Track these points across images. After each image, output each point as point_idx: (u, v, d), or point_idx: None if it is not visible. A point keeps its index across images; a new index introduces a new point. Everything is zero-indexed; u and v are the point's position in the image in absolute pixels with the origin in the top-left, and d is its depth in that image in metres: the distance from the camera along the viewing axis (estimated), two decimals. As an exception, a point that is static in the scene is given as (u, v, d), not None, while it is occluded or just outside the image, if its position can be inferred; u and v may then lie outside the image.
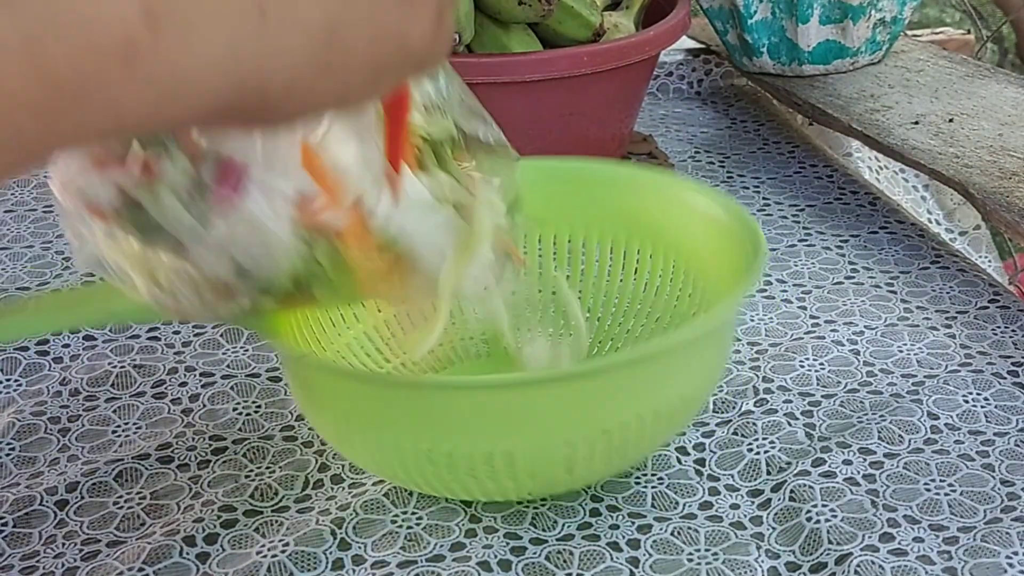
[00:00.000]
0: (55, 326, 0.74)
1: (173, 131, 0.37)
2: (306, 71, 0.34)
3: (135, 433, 0.73)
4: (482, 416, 0.60)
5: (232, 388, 0.77)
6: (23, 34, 0.29)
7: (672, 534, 0.64)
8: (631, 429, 0.61)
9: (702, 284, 0.74)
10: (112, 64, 0.30)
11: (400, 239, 0.52)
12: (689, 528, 0.65)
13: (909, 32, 1.36)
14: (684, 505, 0.67)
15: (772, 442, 0.71)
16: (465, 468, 0.61)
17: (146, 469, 0.70)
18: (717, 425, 0.73)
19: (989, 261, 1.26)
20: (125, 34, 0.30)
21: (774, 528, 0.65)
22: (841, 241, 0.97)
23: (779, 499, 0.67)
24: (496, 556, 0.63)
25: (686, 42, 1.33)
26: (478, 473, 0.61)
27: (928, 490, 0.67)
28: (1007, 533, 0.63)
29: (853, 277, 0.91)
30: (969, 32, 1.59)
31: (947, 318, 0.85)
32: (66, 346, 0.81)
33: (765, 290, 0.89)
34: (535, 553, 0.63)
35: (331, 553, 0.63)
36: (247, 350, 0.81)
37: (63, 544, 0.64)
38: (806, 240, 0.97)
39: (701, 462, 0.70)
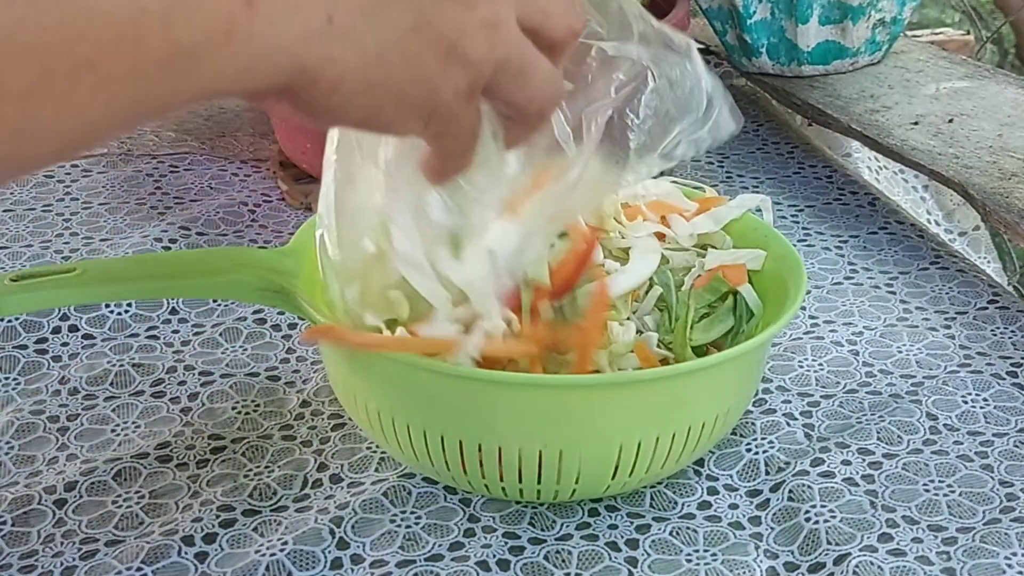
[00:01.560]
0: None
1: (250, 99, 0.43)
2: (352, 78, 0.41)
3: (134, 432, 0.73)
4: (539, 414, 0.61)
5: (231, 387, 0.77)
6: (161, 4, 0.35)
7: (671, 534, 0.64)
8: (696, 430, 0.63)
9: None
10: (219, 37, 0.37)
11: None
12: (688, 528, 0.65)
13: (909, 33, 1.36)
14: (683, 505, 0.67)
15: (771, 442, 0.71)
16: (509, 462, 0.62)
17: (145, 468, 0.69)
18: (716, 425, 0.73)
19: (988, 262, 1.26)
20: (230, 14, 0.37)
21: (773, 528, 0.65)
22: (840, 241, 0.97)
23: (778, 499, 0.67)
24: (495, 556, 0.63)
25: (686, 42, 1.33)
26: (525, 468, 0.62)
27: (927, 491, 0.67)
28: (1006, 534, 0.63)
29: (852, 277, 0.91)
30: (969, 33, 1.59)
31: (946, 319, 0.85)
32: (65, 344, 0.81)
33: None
34: (534, 553, 0.63)
35: (330, 552, 0.63)
36: (246, 349, 0.81)
37: (62, 543, 0.64)
38: (805, 240, 0.97)
39: (700, 462, 0.70)
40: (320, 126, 0.48)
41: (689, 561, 0.62)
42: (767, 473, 0.69)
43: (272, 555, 0.62)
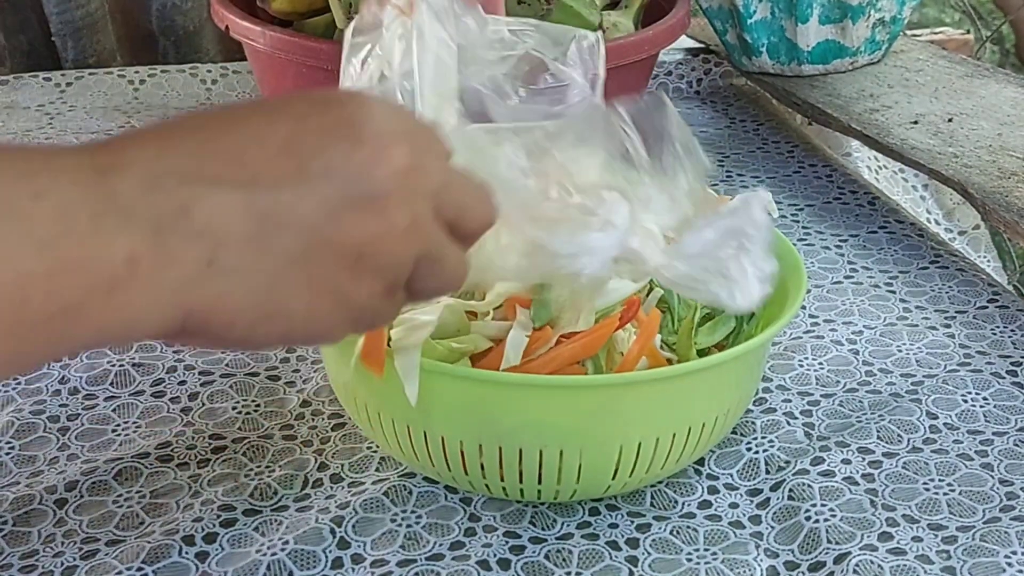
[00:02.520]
0: None
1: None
2: (246, 315, 0.41)
3: (134, 432, 0.73)
4: (558, 413, 0.61)
5: (231, 387, 0.77)
6: (46, 267, 0.37)
7: (671, 533, 0.64)
8: (696, 430, 0.63)
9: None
10: (100, 294, 0.38)
11: None
12: (688, 527, 0.65)
13: (908, 32, 1.35)
14: (683, 504, 0.67)
15: (771, 441, 0.71)
16: (509, 463, 0.62)
17: (145, 468, 0.70)
18: (716, 424, 0.73)
19: (988, 261, 1.26)
20: (112, 273, 0.38)
21: (773, 527, 0.65)
22: (840, 240, 0.97)
23: (778, 498, 0.67)
24: (495, 555, 0.63)
25: (685, 42, 1.33)
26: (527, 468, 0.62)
27: (927, 489, 0.67)
28: (1006, 532, 0.63)
29: (852, 276, 0.91)
30: (968, 32, 1.59)
31: (946, 318, 0.85)
32: (65, 345, 0.81)
33: (764, 289, 0.89)
34: (534, 552, 0.63)
35: (330, 552, 0.63)
36: (246, 349, 0.81)
37: (62, 543, 0.64)
38: (805, 239, 0.97)
39: (700, 461, 0.70)
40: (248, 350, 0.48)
41: (689, 560, 0.62)
42: (767, 472, 0.69)
43: (273, 555, 0.62)
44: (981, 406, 0.75)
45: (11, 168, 0.38)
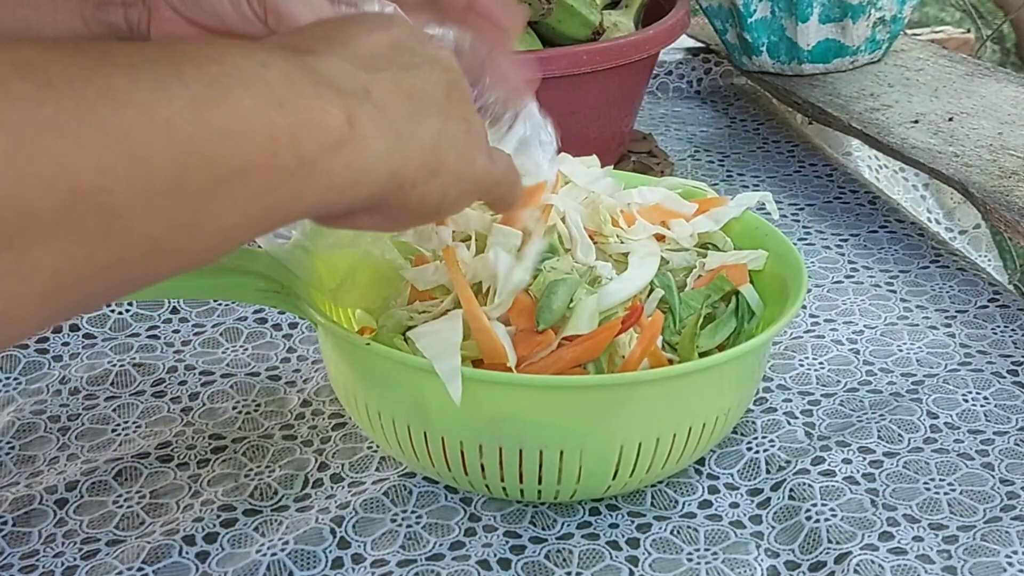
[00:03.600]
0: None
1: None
2: (422, 171, 0.47)
3: (135, 432, 0.73)
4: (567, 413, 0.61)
5: (232, 387, 0.77)
6: (288, 121, 0.41)
7: (671, 533, 0.64)
8: (696, 430, 0.63)
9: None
10: (331, 151, 0.43)
11: None
12: (688, 527, 0.65)
13: (909, 31, 1.36)
14: (683, 504, 0.67)
15: (771, 441, 0.71)
16: (510, 463, 0.62)
17: (146, 468, 0.70)
18: (717, 424, 0.73)
19: (989, 260, 1.26)
20: (340, 131, 0.43)
21: (773, 527, 0.65)
22: (841, 240, 0.97)
23: (778, 498, 0.67)
24: (496, 555, 0.63)
25: (686, 41, 1.33)
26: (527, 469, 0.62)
27: (928, 489, 0.67)
28: (1006, 532, 0.63)
29: (853, 276, 0.91)
30: (969, 31, 1.59)
31: (947, 317, 0.85)
32: (66, 344, 0.81)
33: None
34: (535, 552, 0.63)
35: (331, 552, 0.63)
36: (247, 349, 0.81)
37: (63, 543, 0.64)
38: (806, 239, 0.97)
39: (701, 461, 0.70)
40: (397, 228, 0.58)
41: (690, 560, 0.62)
42: (768, 472, 0.69)
43: (273, 555, 0.62)
44: (982, 406, 0.75)
45: (229, 45, 0.42)
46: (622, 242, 0.69)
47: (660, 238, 0.72)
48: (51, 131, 0.35)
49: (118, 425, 0.74)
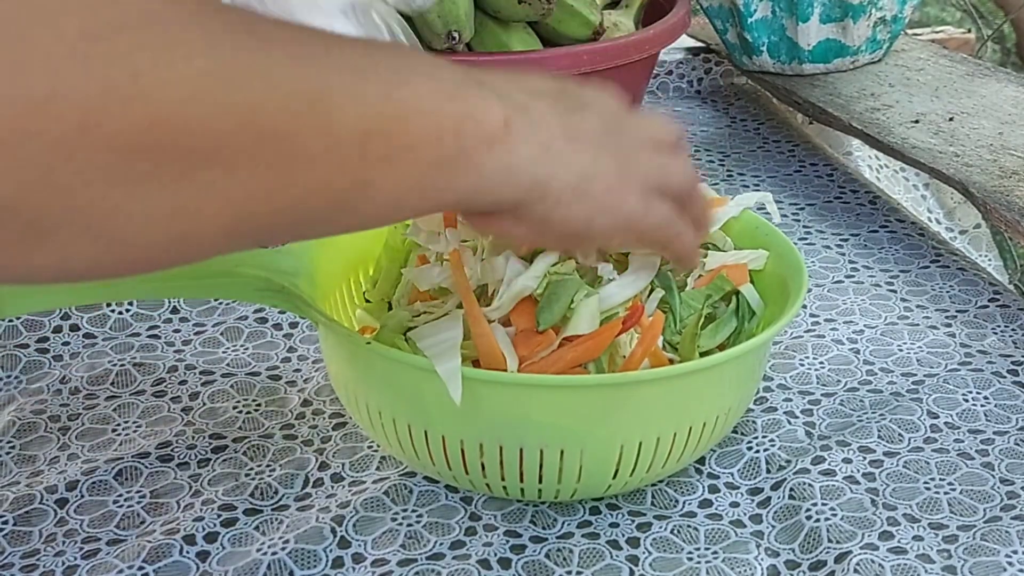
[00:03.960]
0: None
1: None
2: (566, 192, 0.52)
3: (135, 431, 0.73)
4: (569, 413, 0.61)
5: (232, 386, 0.77)
6: (455, 111, 0.46)
7: (672, 532, 0.64)
8: (697, 429, 0.63)
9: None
10: (484, 146, 0.47)
11: None
12: (689, 526, 0.65)
13: (909, 31, 1.36)
14: (684, 503, 0.67)
15: (772, 440, 0.71)
16: (510, 462, 0.62)
17: (146, 467, 0.70)
18: (717, 423, 0.73)
19: (989, 260, 1.26)
20: (495, 129, 0.48)
21: (774, 526, 0.65)
22: (841, 240, 0.97)
23: (779, 497, 0.67)
24: (496, 554, 0.63)
25: (686, 41, 1.33)
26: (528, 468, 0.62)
27: (928, 489, 0.67)
28: (1006, 532, 0.63)
29: (853, 276, 0.91)
30: (969, 31, 1.59)
31: (947, 317, 0.85)
32: (66, 344, 0.81)
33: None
34: (535, 551, 0.63)
35: (331, 551, 0.63)
36: (247, 348, 0.81)
37: (63, 542, 0.64)
38: (806, 239, 0.97)
39: (701, 460, 0.70)
40: (542, 243, 0.61)
41: (690, 559, 0.63)
42: (768, 471, 0.69)
43: (274, 554, 0.62)
44: (982, 405, 0.75)
45: (399, 48, 0.50)
46: None
47: None
48: (255, 74, 0.39)
49: (119, 425, 0.74)
